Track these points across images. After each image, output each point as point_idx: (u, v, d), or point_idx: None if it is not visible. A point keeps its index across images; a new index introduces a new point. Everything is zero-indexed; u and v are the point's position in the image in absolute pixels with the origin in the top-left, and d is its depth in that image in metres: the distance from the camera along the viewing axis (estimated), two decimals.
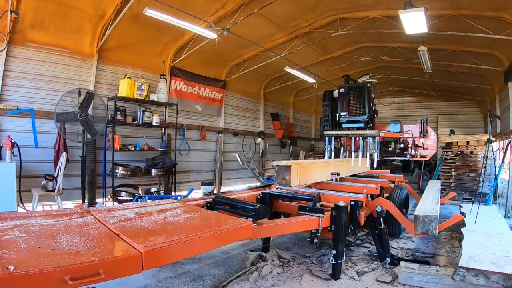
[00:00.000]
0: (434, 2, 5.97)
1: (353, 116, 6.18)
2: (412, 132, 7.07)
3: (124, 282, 2.93)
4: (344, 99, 6.28)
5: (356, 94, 6.20)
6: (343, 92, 6.33)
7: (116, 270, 1.50)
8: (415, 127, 7.11)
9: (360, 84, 6.39)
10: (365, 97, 6.02)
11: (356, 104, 6.16)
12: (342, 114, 6.30)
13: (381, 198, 3.93)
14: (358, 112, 6.15)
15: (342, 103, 6.29)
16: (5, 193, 4.57)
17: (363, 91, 6.11)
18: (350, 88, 6.30)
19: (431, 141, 6.95)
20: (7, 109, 5.56)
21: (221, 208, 3.07)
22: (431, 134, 7.00)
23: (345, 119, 6.28)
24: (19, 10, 5.23)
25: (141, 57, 7.51)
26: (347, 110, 6.24)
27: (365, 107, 6.02)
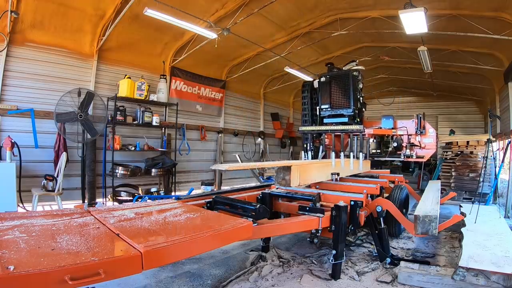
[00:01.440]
0: (434, 2, 5.97)
1: (335, 109, 5.35)
2: (407, 128, 6.23)
3: (124, 282, 2.93)
4: (326, 90, 5.42)
5: (339, 84, 5.36)
6: (325, 81, 5.45)
7: (116, 270, 1.50)
8: (410, 123, 6.30)
9: (344, 71, 5.58)
10: (350, 87, 5.20)
11: (340, 96, 5.33)
12: (323, 108, 5.44)
13: (381, 198, 3.92)
14: (342, 104, 5.31)
15: (323, 95, 5.46)
16: (5, 193, 4.57)
17: (347, 80, 5.27)
18: (332, 76, 5.43)
19: (430, 139, 6.18)
20: (7, 109, 5.56)
21: (221, 208, 3.07)
22: (429, 131, 6.20)
23: (327, 113, 5.45)
24: (19, 10, 5.23)
25: (141, 57, 7.51)
26: (329, 102, 5.38)
27: (349, 98, 5.20)
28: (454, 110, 13.08)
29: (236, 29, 6.73)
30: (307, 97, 6.12)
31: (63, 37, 6.10)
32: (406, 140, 6.29)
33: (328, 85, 5.45)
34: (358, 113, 5.47)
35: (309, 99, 6.09)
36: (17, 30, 5.56)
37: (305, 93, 6.19)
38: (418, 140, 6.16)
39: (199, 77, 9.06)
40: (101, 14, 6.01)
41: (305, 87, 6.21)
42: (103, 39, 6.34)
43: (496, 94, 9.34)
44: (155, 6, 5.40)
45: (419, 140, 6.16)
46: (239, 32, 6.93)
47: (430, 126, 6.29)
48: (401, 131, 6.32)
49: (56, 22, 5.81)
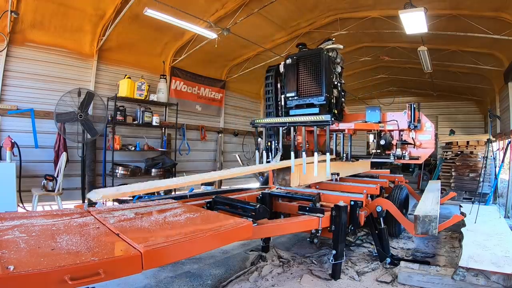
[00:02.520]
0: (434, 2, 5.97)
1: (304, 98, 4.39)
2: (397, 122, 5.05)
3: (124, 282, 2.93)
4: (292, 74, 4.47)
5: (308, 66, 4.35)
6: (291, 64, 4.48)
7: (116, 270, 1.49)
8: (401, 115, 5.14)
9: (314, 50, 4.51)
10: (322, 69, 4.20)
11: (309, 81, 4.34)
12: (289, 97, 4.47)
13: (381, 198, 3.93)
14: (311, 92, 4.32)
15: (289, 81, 4.52)
16: (5, 193, 4.57)
17: (318, 60, 4.25)
18: (300, 57, 4.46)
19: (427, 135, 5.01)
20: (7, 109, 5.56)
21: (221, 208, 3.07)
22: (426, 126, 5.05)
23: (293, 103, 4.47)
24: (19, 10, 5.23)
25: (141, 57, 7.51)
26: (295, 90, 4.40)
27: (321, 84, 4.20)
28: (454, 110, 13.08)
29: (236, 29, 6.74)
30: (271, 85, 5.05)
31: (63, 37, 6.10)
32: (397, 136, 5.14)
33: (295, 68, 4.43)
34: (335, 103, 4.58)
35: (273, 86, 5.04)
36: (17, 30, 5.56)
37: (268, 80, 5.07)
38: (411, 137, 4.97)
39: (199, 77, 9.06)
40: (101, 14, 6.01)
41: (269, 72, 5.07)
42: (103, 39, 6.35)
43: (496, 94, 9.34)
44: (155, 6, 5.41)
45: (413, 137, 4.99)
46: (239, 32, 6.93)
47: (427, 120, 5.06)
48: (391, 125, 5.14)
49: (56, 22, 5.81)
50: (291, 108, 4.57)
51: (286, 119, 4.08)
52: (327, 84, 4.26)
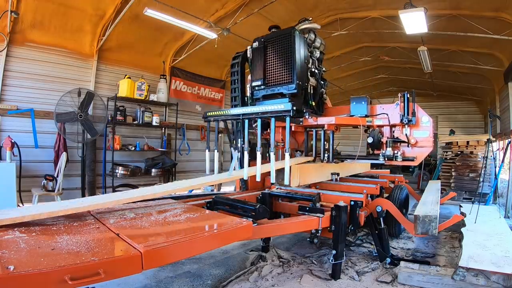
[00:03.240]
0: (434, 2, 5.97)
1: (271, 87, 3.76)
2: (388, 116, 4.26)
3: (124, 282, 2.93)
4: (259, 59, 3.85)
5: (277, 49, 3.72)
6: (258, 47, 3.87)
7: (116, 270, 1.50)
8: (393, 107, 4.29)
9: (284, 30, 3.80)
10: (293, 51, 3.56)
11: (277, 67, 3.71)
12: (255, 86, 3.89)
13: (381, 198, 3.92)
14: (280, 79, 3.68)
15: (256, 67, 3.92)
16: (5, 193, 4.57)
17: (288, 42, 3.62)
18: (269, 39, 3.83)
19: (424, 131, 4.23)
20: (7, 109, 5.56)
21: (221, 208, 3.07)
22: (423, 120, 4.24)
23: (261, 93, 3.86)
24: (19, 10, 5.23)
25: (141, 57, 7.51)
26: (262, 77, 3.80)
27: (291, 69, 3.58)
28: (454, 110, 13.08)
29: (236, 29, 6.74)
30: (237, 73, 4.35)
31: (63, 37, 6.10)
32: (387, 133, 4.36)
33: (262, 52, 3.82)
34: (312, 93, 4.02)
35: (240, 75, 4.35)
36: (17, 30, 5.56)
37: (234, 68, 4.37)
38: (405, 134, 4.19)
39: (199, 77, 9.06)
40: (101, 14, 6.01)
41: (235, 59, 4.39)
42: (103, 39, 6.35)
43: (496, 94, 9.34)
44: (155, 6, 5.41)
45: (407, 133, 4.20)
46: (239, 32, 6.93)
47: (425, 113, 4.26)
48: (380, 120, 4.34)
49: (56, 22, 5.81)
50: (258, 99, 3.94)
51: (241, 110, 3.43)
52: (300, 70, 3.61)
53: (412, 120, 4.17)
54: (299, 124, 4.08)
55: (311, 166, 3.84)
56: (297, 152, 4.69)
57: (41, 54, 5.97)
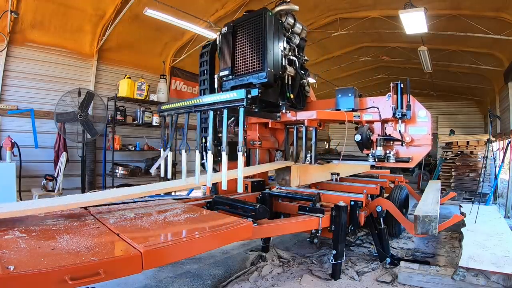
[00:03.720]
0: (434, 2, 5.97)
1: (240, 76, 3.34)
2: (379, 110, 3.74)
3: (124, 282, 2.93)
4: (228, 46, 3.46)
5: (248, 34, 3.30)
6: (227, 33, 3.49)
7: (116, 270, 1.50)
8: (384, 100, 3.77)
9: (256, 12, 3.33)
10: (264, 36, 3.14)
11: (247, 53, 3.29)
12: (223, 76, 3.50)
13: (381, 198, 3.92)
14: (250, 67, 3.26)
15: (224, 55, 3.53)
16: (5, 193, 4.57)
17: (260, 24, 3.20)
18: (239, 23, 3.44)
19: (421, 128, 3.68)
20: (7, 109, 5.56)
21: (221, 208, 3.07)
22: (420, 115, 3.70)
23: (229, 84, 3.45)
24: (19, 10, 5.23)
25: (141, 57, 7.51)
26: (230, 66, 3.42)
27: (262, 55, 3.15)
28: (454, 110, 13.09)
29: None
30: (206, 63, 3.92)
31: (63, 37, 6.10)
32: (378, 130, 3.85)
33: (231, 38, 3.41)
34: (291, 84, 3.60)
35: (209, 66, 3.91)
36: (17, 30, 5.56)
37: (203, 57, 3.94)
38: (399, 131, 3.68)
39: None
40: (101, 14, 6.01)
41: (205, 48, 3.97)
42: (103, 39, 6.35)
43: (496, 94, 9.35)
44: (155, 6, 5.41)
45: (401, 130, 3.68)
46: None
47: (422, 107, 3.72)
48: (370, 115, 3.81)
49: (56, 22, 5.81)
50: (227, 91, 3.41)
51: (194, 101, 3.03)
52: (273, 56, 3.19)
53: (407, 114, 3.60)
54: (276, 120, 3.67)
55: (311, 166, 3.84)
56: (277, 152, 4.32)
57: (41, 54, 5.97)
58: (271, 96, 3.40)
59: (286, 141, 4.22)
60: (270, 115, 3.66)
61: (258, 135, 4.17)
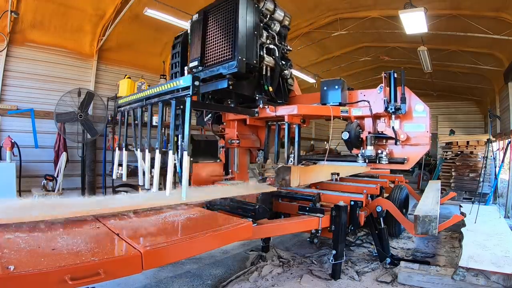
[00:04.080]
0: (434, 2, 5.98)
1: (210, 67, 3.06)
2: (370, 104, 3.41)
3: (124, 282, 2.93)
4: (198, 35, 3.18)
5: (219, 21, 3.03)
6: (198, 20, 3.25)
7: (116, 270, 1.50)
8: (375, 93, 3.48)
9: None
10: (236, 20, 2.86)
11: (218, 41, 3.00)
12: (192, 67, 3.22)
13: (381, 198, 3.92)
14: (220, 56, 2.98)
15: (194, 45, 3.24)
16: (5, 193, 4.57)
17: (232, 9, 2.95)
18: (210, 10, 3.19)
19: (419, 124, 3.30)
20: (7, 109, 5.56)
21: (221, 208, 3.06)
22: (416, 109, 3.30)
23: (200, 76, 3.10)
24: (19, 10, 5.23)
25: (141, 57, 7.51)
26: (199, 56, 3.13)
27: (232, 41, 2.86)
28: (454, 110, 13.09)
29: None
30: (178, 55, 3.58)
31: (63, 37, 6.10)
32: (369, 127, 3.47)
33: (201, 25, 3.14)
34: (270, 76, 3.26)
35: (181, 57, 3.56)
36: (17, 30, 5.56)
37: (175, 49, 3.63)
38: (392, 127, 3.26)
39: None
40: (101, 14, 6.01)
41: (177, 39, 3.66)
42: (103, 39, 6.35)
43: (496, 94, 9.35)
44: (155, 6, 5.41)
45: (394, 126, 3.29)
46: None
47: (419, 100, 3.34)
48: (360, 110, 3.44)
49: (56, 22, 5.81)
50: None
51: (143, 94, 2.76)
52: (246, 43, 2.84)
53: (401, 108, 3.18)
54: (254, 116, 3.32)
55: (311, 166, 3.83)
56: (259, 152, 3.98)
57: (41, 54, 5.97)
58: (246, 89, 3.13)
59: (267, 140, 3.81)
60: (246, 111, 3.29)
61: (237, 133, 3.75)
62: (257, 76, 3.26)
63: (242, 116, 3.63)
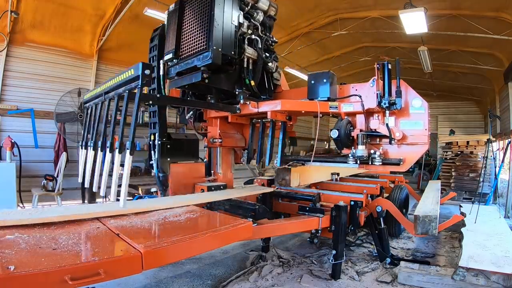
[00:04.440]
0: (434, 2, 5.98)
1: (185, 59, 2.86)
2: (362, 99, 3.06)
3: (124, 282, 2.93)
4: (173, 26, 3.01)
5: (195, 10, 2.85)
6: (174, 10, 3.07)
7: (116, 270, 1.50)
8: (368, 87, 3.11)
9: None
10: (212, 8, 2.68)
11: (193, 32, 2.81)
12: (167, 60, 3.04)
13: (381, 198, 3.92)
14: (194, 46, 2.78)
15: (169, 37, 3.06)
16: (5, 193, 4.57)
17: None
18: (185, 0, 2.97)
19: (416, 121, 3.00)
20: (7, 109, 5.56)
21: (221, 208, 3.07)
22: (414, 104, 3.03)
23: (175, 70, 2.99)
24: (19, 10, 5.23)
25: (141, 57, 7.42)
26: (174, 47, 2.93)
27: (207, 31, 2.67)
28: (454, 110, 13.10)
29: None
30: (155, 48, 3.35)
31: (63, 37, 6.10)
32: (361, 124, 3.18)
33: (177, 15, 2.97)
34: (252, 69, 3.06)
35: (157, 50, 3.32)
36: (17, 30, 5.56)
37: (153, 42, 3.39)
38: (386, 124, 2.98)
39: None
40: (101, 14, 6.01)
41: (155, 32, 3.42)
42: (103, 39, 6.35)
43: (496, 94, 9.35)
44: (155, 6, 5.41)
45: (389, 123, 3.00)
46: None
47: (416, 95, 3.07)
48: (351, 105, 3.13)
49: (56, 22, 5.82)
50: (173, 78, 3.10)
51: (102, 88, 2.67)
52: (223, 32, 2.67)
53: (396, 103, 2.88)
54: (236, 112, 3.10)
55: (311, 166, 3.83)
56: (244, 151, 3.73)
57: (41, 54, 5.97)
58: (225, 83, 2.92)
59: (251, 139, 3.55)
60: (227, 107, 3.10)
61: (219, 131, 3.52)
62: (238, 69, 3.06)
63: (225, 113, 3.39)
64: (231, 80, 3.03)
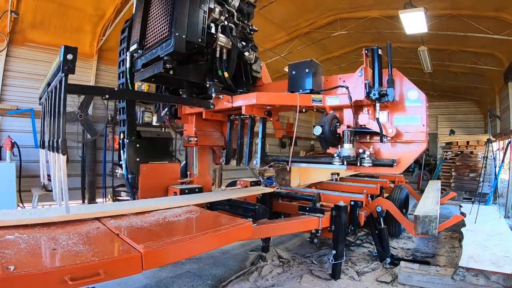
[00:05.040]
0: (434, 2, 5.98)
1: (150, 49, 2.62)
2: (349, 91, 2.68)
3: (124, 282, 2.93)
4: (139, 15, 2.78)
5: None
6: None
7: (116, 270, 1.50)
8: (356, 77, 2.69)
9: None
10: None
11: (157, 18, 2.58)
12: (132, 51, 2.83)
13: (381, 198, 3.92)
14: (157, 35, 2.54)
15: (136, 25, 2.85)
16: (5, 193, 4.57)
17: None
18: None
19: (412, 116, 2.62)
20: (7, 109, 5.56)
21: (221, 208, 3.07)
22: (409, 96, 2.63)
23: (140, 61, 2.77)
24: (19, 10, 5.23)
25: None
26: (139, 37, 2.73)
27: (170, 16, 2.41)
28: (454, 110, 13.10)
29: None
30: (125, 40, 3.18)
31: (63, 37, 6.10)
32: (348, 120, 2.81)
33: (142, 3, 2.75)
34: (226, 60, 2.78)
35: (126, 42, 3.15)
36: (17, 30, 5.56)
37: (123, 34, 3.23)
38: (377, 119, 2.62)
39: None
40: (101, 14, 6.01)
41: (126, 23, 3.20)
42: (103, 39, 6.35)
43: (496, 94, 9.35)
44: None
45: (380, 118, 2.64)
46: None
47: (413, 86, 2.66)
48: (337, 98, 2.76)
49: (56, 22, 5.81)
50: (139, 71, 2.88)
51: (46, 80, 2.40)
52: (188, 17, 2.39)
53: (388, 94, 2.50)
54: (209, 108, 2.85)
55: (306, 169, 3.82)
56: (224, 151, 3.48)
57: (41, 54, 5.97)
58: (194, 75, 2.64)
59: (229, 137, 3.29)
60: (200, 102, 2.81)
61: (195, 129, 3.26)
62: (210, 60, 2.79)
63: (199, 109, 3.07)
64: (201, 72, 2.74)
